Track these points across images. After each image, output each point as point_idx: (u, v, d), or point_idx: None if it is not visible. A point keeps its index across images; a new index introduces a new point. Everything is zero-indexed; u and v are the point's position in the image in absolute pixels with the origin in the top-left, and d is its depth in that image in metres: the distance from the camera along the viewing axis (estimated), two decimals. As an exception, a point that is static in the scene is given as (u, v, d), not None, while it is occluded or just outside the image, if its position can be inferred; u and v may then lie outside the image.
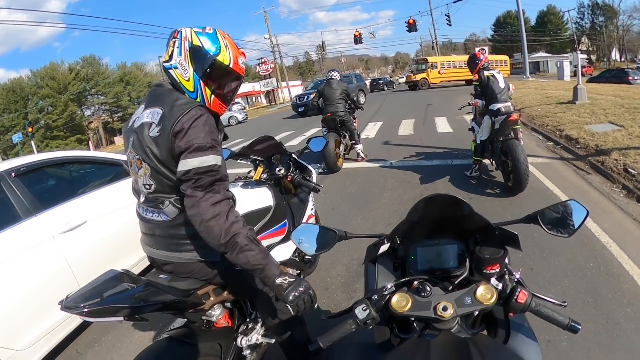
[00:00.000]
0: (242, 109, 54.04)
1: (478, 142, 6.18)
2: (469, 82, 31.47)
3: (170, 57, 1.76)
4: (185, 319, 2.19)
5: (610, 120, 9.13)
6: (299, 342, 2.26)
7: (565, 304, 1.35)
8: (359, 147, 8.67)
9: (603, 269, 3.60)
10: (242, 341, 2.26)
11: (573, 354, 2.65)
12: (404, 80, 42.82)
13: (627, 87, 19.62)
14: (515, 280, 1.36)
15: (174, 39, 1.75)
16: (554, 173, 6.52)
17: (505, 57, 39.21)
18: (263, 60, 53.60)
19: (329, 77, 8.31)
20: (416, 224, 1.55)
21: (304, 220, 3.20)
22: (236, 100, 59.23)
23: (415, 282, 1.36)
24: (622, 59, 73.17)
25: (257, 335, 2.31)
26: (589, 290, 3.30)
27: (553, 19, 77.62)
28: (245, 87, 65.26)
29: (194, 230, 1.68)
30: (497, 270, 1.40)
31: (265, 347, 2.40)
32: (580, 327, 1.25)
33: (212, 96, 1.83)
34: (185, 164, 1.61)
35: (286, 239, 2.81)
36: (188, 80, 1.75)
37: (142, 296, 1.73)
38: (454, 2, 50.00)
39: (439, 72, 33.70)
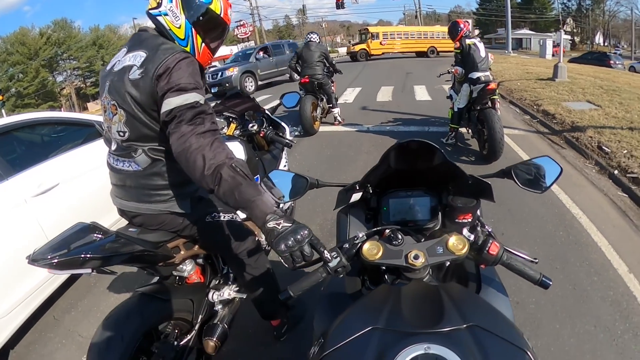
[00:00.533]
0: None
1: (455, 109, 6.18)
2: (420, 54, 31.30)
3: (159, 3, 1.71)
4: (158, 277, 2.15)
5: (588, 100, 9.24)
6: (271, 296, 2.23)
7: (537, 260, 1.31)
8: (336, 110, 8.63)
9: (572, 238, 3.66)
10: (214, 296, 2.26)
11: (540, 316, 2.70)
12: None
13: (608, 70, 20.19)
14: (487, 232, 1.33)
15: None
16: (529, 145, 6.60)
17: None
18: (242, 22, 51.88)
19: (308, 40, 8.21)
20: (389, 174, 1.52)
21: None
22: (214, 63, 57.86)
23: (387, 231, 1.35)
24: (606, 44, 74.93)
25: (228, 291, 2.32)
26: (558, 257, 3.35)
27: None
28: (222, 51, 64.17)
29: (166, 181, 1.75)
30: (469, 220, 1.40)
31: (238, 302, 2.42)
32: (551, 283, 1.23)
33: (202, 45, 1.82)
34: (169, 104, 1.55)
35: None
36: (179, 28, 1.73)
37: (111, 247, 1.71)
38: (440, -29, 49.04)
39: (380, 43, 32.18)
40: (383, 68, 23.39)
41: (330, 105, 8.51)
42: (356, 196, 1.55)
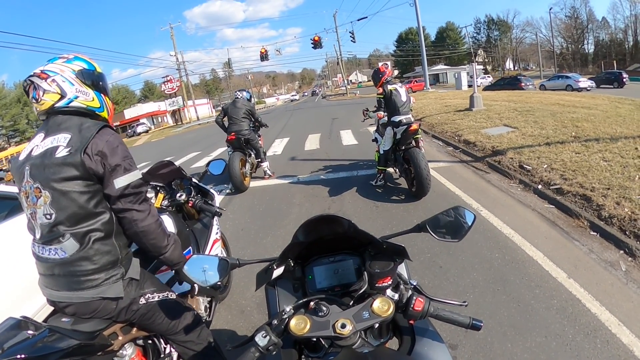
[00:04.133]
0: (147, 130, 51.81)
1: (381, 152, 6.50)
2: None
3: (62, 95, 1.83)
4: None
5: (504, 124, 10.13)
6: None
7: (466, 303, 1.44)
8: (265, 164, 8.85)
9: (508, 257, 3.91)
10: None
11: (491, 339, 2.83)
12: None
13: (521, 93, 22.55)
14: (412, 287, 1.45)
15: (47, 80, 1.82)
16: (454, 175, 7.04)
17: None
18: (168, 78, 52.54)
19: (235, 97, 8.61)
20: (309, 244, 1.58)
21: (209, 246, 3.13)
22: (141, 120, 57.22)
23: (312, 303, 1.40)
24: (516, 68, 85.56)
25: None
26: (498, 279, 3.55)
27: (451, 34, 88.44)
28: (150, 107, 63.98)
29: (95, 264, 1.79)
30: (390, 282, 1.44)
31: None
32: (482, 324, 1.34)
33: (110, 103, 2.06)
34: (124, 180, 1.80)
35: None
36: (93, 100, 1.92)
37: (46, 344, 1.69)
38: (358, 20, 52.91)
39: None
40: (309, 115, 24.04)
41: (259, 159, 8.69)
42: (278, 272, 1.56)
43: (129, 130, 54.58)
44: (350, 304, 1.42)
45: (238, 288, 4.05)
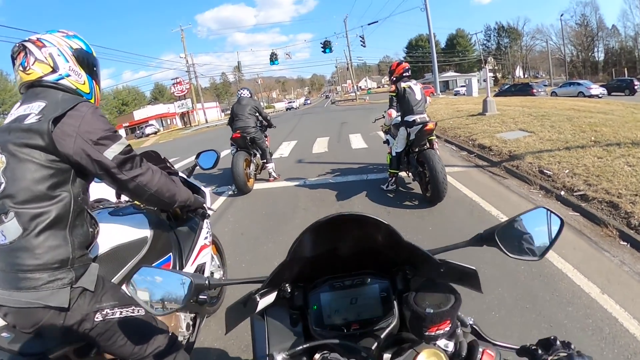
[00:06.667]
0: (156, 132, 52.21)
1: (394, 154, 6.18)
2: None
3: (54, 69, 1.69)
4: None
5: (520, 128, 9.76)
6: None
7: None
8: (270, 165, 8.53)
9: (535, 270, 3.54)
10: None
11: None
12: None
13: (533, 99, 22.42)
14: (471, 328, 1.03)
15: (42, 49, 1.68)
16: (470, 180, 6.69)
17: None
18: (178, 80, 53.30)
19: (239, 95, 8.43)
20: (315, 259, 1.14)
21: (195, 253, 2.68)
22: (150, 122, 57.88)
23: (317, 356, 0.98)
24: (526, 76, 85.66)
25: None
26: (526, 295, 3.19)
27: (462, 41, 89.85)
28: (159, 109, 65.08)
29: (37, 259, 1.50)
30: (448, 329, 0.94)
31: None
32: None
33: (99, 92, 1.94)
34: (113, 150, 1.66)
35: None
36: (84, 84, 1.81)
37: None
38: (369, 25, 53.11)
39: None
40: (318, 120, 23.95)
41: (264, 160, 8.44)
42: (266, 302, 1.12)
43: (138, 132, 55.02)
44: (373, 347, 1.00)
45: (233, 298, 3.66)
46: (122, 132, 65.64)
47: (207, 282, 1.12)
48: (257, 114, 8.20)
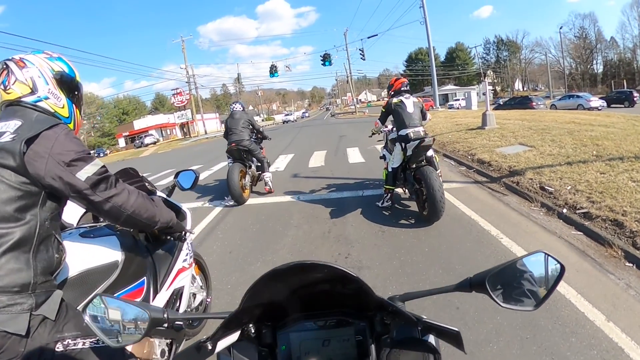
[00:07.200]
0: (155, 142, 52.36)
1: (390, 169, 6.01)
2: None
3: (33, 90, 1.68)
4: None
5: (520, 142, 9.62)
6: None
7: None
8: (267, 175, 8.55)
9: (536, 296, 3.30)
10: None
11: None
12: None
13: (532, 112, 22.35)
14: None
15: (23, 69, 1.68)
16: (469, 197, 6.50)
17: None
18: (178, 91, 53.78)
19: (232, 109, 8.56)
20: (281, 299, 1.05)
21: (171, 276, 2.51)
22: (150, 131, 58.06)
23: None
24: (525, 89, 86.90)
25: None
26: (526, 324, 2.97)
27: (461, 54, 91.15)
28: (160, 119, 65.93)
29: (1, 280, 1.44)
30: None
31: None
32: None
33: (80, 116, 1.92)
34: (86, 171, 1.64)
35: (145, 302, 2.16)
36: (63, 107, 1.78)
37: None
38: (368, 38, 53.60)
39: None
40: (317, 132, 23.99)
41: (261, 171, 8.50)
42: (227, 342, 1.05)
43: (137, 141, 55.33)
44: None
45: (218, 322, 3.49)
46: (121, 141, 66.10)
47: (165, 315, 1.04)
48: (251, 127, 8.32)
